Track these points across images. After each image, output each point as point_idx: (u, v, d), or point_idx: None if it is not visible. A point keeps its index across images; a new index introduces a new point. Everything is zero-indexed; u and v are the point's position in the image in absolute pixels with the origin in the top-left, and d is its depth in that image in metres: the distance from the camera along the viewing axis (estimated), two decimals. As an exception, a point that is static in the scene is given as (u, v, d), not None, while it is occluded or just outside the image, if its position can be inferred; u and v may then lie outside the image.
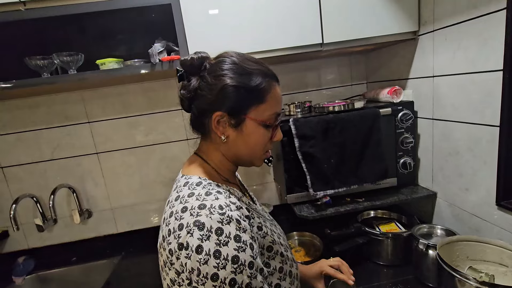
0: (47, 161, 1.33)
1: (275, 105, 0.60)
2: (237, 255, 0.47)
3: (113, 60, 1.01)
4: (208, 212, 0.49)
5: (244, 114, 0.58)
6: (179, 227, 0.49)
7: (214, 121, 0.58)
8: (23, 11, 0.90)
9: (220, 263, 0.46)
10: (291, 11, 1.00)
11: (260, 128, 0.59)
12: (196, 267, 0.46)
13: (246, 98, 0.57)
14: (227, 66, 0.57)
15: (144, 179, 1.41)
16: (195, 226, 0.48)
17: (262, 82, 0.57)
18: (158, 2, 0.94)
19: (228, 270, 0.46)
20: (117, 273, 1.22)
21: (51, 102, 1.29)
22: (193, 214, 0.49)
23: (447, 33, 0.94)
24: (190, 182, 0.57)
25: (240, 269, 0.47)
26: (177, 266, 0.49)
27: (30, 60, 0.97)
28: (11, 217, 1.14)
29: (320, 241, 1.17)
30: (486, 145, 0.86)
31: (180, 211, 0.51)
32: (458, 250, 0.85)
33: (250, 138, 0.59)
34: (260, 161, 0.65)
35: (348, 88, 1.47)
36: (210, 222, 0.48)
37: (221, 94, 0.56)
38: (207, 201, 0.51)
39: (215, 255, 0.46)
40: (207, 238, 0.47)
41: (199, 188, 0.55)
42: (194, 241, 0.47)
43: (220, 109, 0.57)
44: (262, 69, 0.59)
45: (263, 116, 0.59)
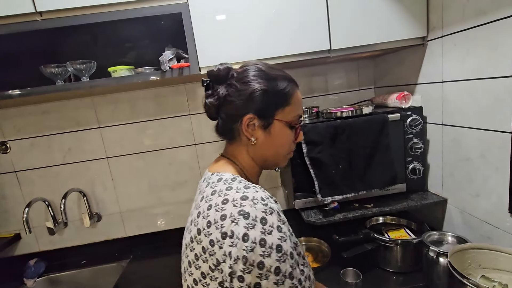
0: (59, 166, 1.36)
1: (298, 107, 0.65)
2: (280, 245, 0.49)
3: (125, 68, 1.03)
4: (252, 203, 0.51)
5: (272, 116, 0.62)
6: (222, 217, 0.51)
7: (244, 124, 0.61)
8: (39, 21, 0.93)
9: (266, 251, 0.47)
10: (299, 17, 1.01)
11: (286, 129, 0.64)
12: (242, 255, 0.47)
13: (273, 101, 0.62)
14: (254, 73, 0.62)
15: (153, 184, 1.42)
16: (240, 215, 0.49)
17: (287, 86, 0.63)
18: (168, 11, 0.96)
19: (273, 258, 0.48)
20: (126, 276, 1.23)
21: (63, 107, 1.32)
22: (236, 205, 0.51)
23: (456, 38, 0.94)
24: (224, 178, 0.59)
25: (283, 258, 0.49)
26: (218, 256, 0.50)
27: (45, 68, 1.00)
28: (23, 220, 1.16)
29: (328, 247, 1.16)
30: (497, 151, 0.84)
31: (221, 203, 0.53)
32: (470, 258, 0.83)
33: (277, 139, 0.64)
34: (284, 161, 0.70)
35: (356, 93, 1.46)
36: (254, 212, 0.49)
37: (251, 98, 0.61)
38: (248, 193, 0.53)
39: (261, 243, 0.47)
40: (252, 226, 0.48)
41: (235, 183, 0.57)
42: (240, 229, 0.48)
43: (250, 112, 0.61)
44: (285, 75, 0.65)
45: (288, 117, 0.64)
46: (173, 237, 1.44)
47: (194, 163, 1.43)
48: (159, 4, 0.97)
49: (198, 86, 1.37)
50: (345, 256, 1.01)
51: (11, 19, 0.93)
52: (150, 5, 0.96)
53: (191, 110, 1.38)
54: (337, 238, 1.04)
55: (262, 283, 0.47)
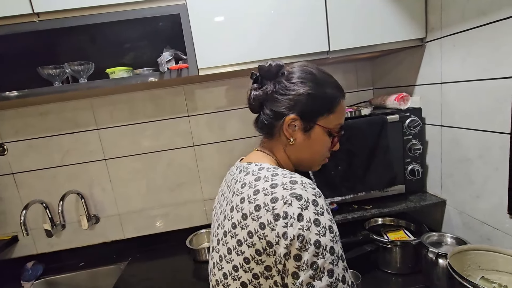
0: (57, 167, 1.35)
1: (341, 116, 0.65)
2: (331, 226, 0.50)
3: (123, 69, 1.03)
4: (302, 186, 0.52)
5: (315, 121, 0.63)
6: (272, 200, 0.51)
7: (286, 124, 0.62)
8: (37, 22, 0.92)
9: (321, 231, 0.48)
10: (298, 19, 1.01)
11: (325, 136, 0.65)
12: (298, 233, 0.48)
13: (318, 106, 0.62)
14: (304, 75, 0.62)
15: (151, 185, 1.42)
16: (292, 197, 0.50)
17: (334, 94, 0.63)
18: (167, 13, 0.95)
19: (327, 238, 0.49)
20: (124, 279, 1.22)
21: (61, 109, 1.31)
22: (287, 188, 0.52)
23: (456, 39, 0.94)
24: (265, 167, 0.60)
25: (335, 239, 0.50)
26: (270, 238, 0.50)
27: (42, 70, 0.99)
28: (21, 222, 1.16)
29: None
30: (497, 152, 0.84)
31: (270, 187, 0.53)
32: (469, 260, 0.83)
33: (315, 144, 0.65)
34: (318, 166, 0.71)
35: (355, 94, 1.46)
36: (306, 194, 0.51)
37: (298, 99, 0.61)
38: (296, 178, 0.54)
39: (315, 223, 0.49)
40: (305, 207, 0.49)
41: (279, 170, 0.58)
42: (294, 210, 0.49)
43: (294, 113, 0.61)
44: (335, 82, 0.65)
45: (330, 125, 0.64)
46: (172, 239, 1.43)
47: (192, 164, 1.42)
48: (157, 5, 0.96)
49: (196, 88, 1.37)
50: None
51: (8, 20, 0.92)
52: (148, 6, 0.96)
53: (190, 112, 1.38)
54: (336, 239, 1.03)
55: (319, 262, 0.48)
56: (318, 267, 0.47)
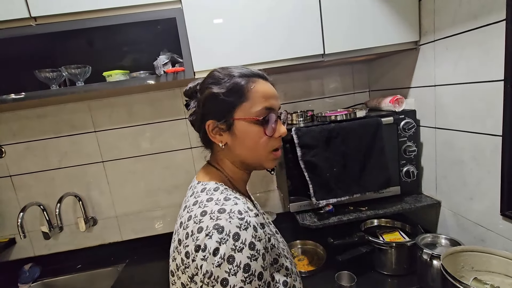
0: (55, 170, 1.36)
1: (261, 100, 0.60)
2: (249, 264, 0.48)
3: (119, 72, 1.03)
4: (228, 216, 0.50)
5: (231, 116, 0.60)
6: (198, 230, 0.50)
7: (208, 131, 0.61)
8: (34, 26, 0.93)
9: (232, 269, 0.47)
10: (293, 22, 1.02)
11: (252, 126, 0.60)
12: (210, 269, 0.47)
13: (226, 101, 0.59)
14: (209, 80, 0.62)
15: (149, 187, 1.42)
16: (214, 229, 0.49)
17: (239, 82, 0.60)
18: (163, 16, 0.96)
19: (238, 278, 0.47)
20: (122, 281, 1.22)
21: (59, 112, 1.32)
22: (213, 218, 0.50)
23: (448, 43, 0.95)
24: (207, 188, 0.59)
25: (250, 279, 0.47)
26: (192, 268, 0.49)
27: (39, 73, 1.00)
28: (18, 224, 1.16)
29: (323, 250, 1.17)
30: (489, 154, 0.85)
31: (200, 215, 0.52)
32: (463, 261, 0.84)
33: (245, 139, 0.60)
34: (268, 161, 0.63)
35: (351, 96, 1.48)
36: (229, 227, 0.49)
37: (205, 105, 0.61)
38: (227, 206, 0.52)
39: (229, 260, 0.47)
40: (224, 242, 0.48)
41: (217, 194, 0.57)
42: (212, 243, 0.48)
43: (210, 118, 0.61)
44: (241, 71, 0.62)
45: (250, 113, 0.59)
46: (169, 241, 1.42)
47: (190, 166, 1.43)
48: (153, 9, 0.97)
49: (193, 90, 1.38)
50: (340, 259, 1.01)
51: (5, 24, 0.93)
52: (145, 10, 0.97)
53: (187, 114, 1.38)
54: (332, 241, 1.04)
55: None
56: None
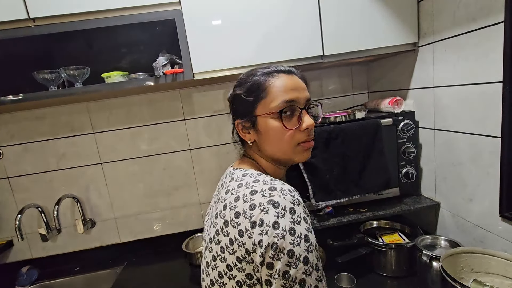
0: (53, 171, 1.35)
1: (279, 94, 0.60)
2: (307, 235, 0.50)
3: (118, 73, 1.03)
4: (280, 193, 0.51)
5: (253, 114, 0.62)
6: (251, 207, 0.51)
7: (239, 130, 0.66)
8: (32, 27, 0.93)
9: (295, 240, 0.48)
10: (292, 24, 1.02)
11: (273, 121, 0.60)
12: (273, 241, 0.48)
13: (247, 100, 0.62)
14: (236, 83, 0.67)
15: (148, 189, 1.42)
16: (269, 204, 0.50)
17: (258, 80, 0.62)
18: (162, 18, 0.96)
19: (302, 247, 0.48)
20: (120, 283, 1.22)
21: (57, 113, 1.31)
22: (265, 195, 0.52)
23: (447, 44, 0.95)
24: (249, 173, 0.60)
25: (310, 248, 0.49)
26: (248, 245, 0.50)
27: (38, 74, 0.99)
28: (16, 227, 1.15)
29: (322, 252, 1.16)
30: (488, 156, 0.86)
31: (249, 194, 0.53)
32: (462, 262, 0.84)
33: (269, 134, 0.61)
34: (297, 154, 0.63)
35: (350, 97, 1.48)
36: (284, 202, 0.50)
37: (232, 106, 0.67)
38: (276, 185, 0.54)
39: (291, 232, 0.48)
40: (282, 215, 0.49)
41: (262, 176, 0.58)
42: (270, 217, 0.49)
43: (237, 118, 0.66)
44: (264, 70, 0.63)
45: (270, 108, 0.60)
46: (168, 243, 1.43)
47: (189, 168, 1.42)
48: (152, 10, 0.97)
49: (193, 92, 1.38)
50: (340, 261, 1.01)
51: (3, 25, 0.92)
52: (144, 12, 0.97)
53: (186, 115, 1.38)
54: (331, 242, 1.04)
55: (291, 271, 0.47)
56: (290, 277, 0.47)
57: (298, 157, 0.63)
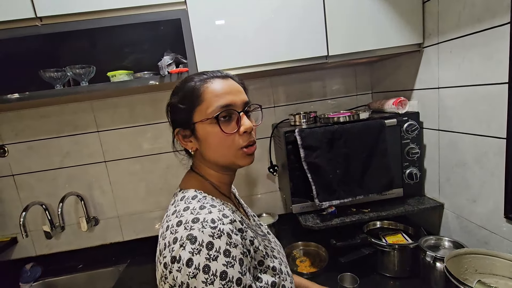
0: (57, 169, 1.36)
1: (215, 99, 0.59)
2: (225, 271, 0.47)
3: (124, 72, 1.04)
4: (201, 226, 0.50)
5: (191, 121, 0.61)
6: (174, 240, 0.50)
7: (179, 140, 0.64)
8: (39, 26, 0.94)
9: (209, 279, 0.46)
10: (297, 24, 1.02)
11: (211, 127, 0.59)
12: (185, 280, 0.47)
13: (183, 108, 0.61)
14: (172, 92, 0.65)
15: (151, 187, 1.42)
16: (187, 239, 0.49)
17: (191, 87, 0.61)
18: (168, 17, 0.97)
19: (216, 286, 0.46)
20: (123, 281, 1.22)
21: (61, 111, 1.32)
22: (187, 228, 0.50)
23: (452, 45, 0.95)
24: (186, 196, 0.59)
25: (227, 285, 0.47)
26: (170, 280, 0.49)
27: (44, 73, 1.00)
28: (20, 224, 1.16)
29: (325, 252, 1.16)
30: (493, 157, 0.85)
31: (176, 225, 0.52)
32: (466, 263, 0.84)
33: (209, 140, 0.60)
34: (240, 159, 0.61)
35: (353, 98, 1.48)
36: (202, 236, 0.48)
37: (170, 116, 0.65)
38: (201, 215, 0.52)
39: (204, 270, 0.47)
40: (198, 252, 0.47)
41: (194, 202, 0.57)
42: (186, 254, 0.48)
43: (176, 127, 0.64)
44: (195, 76, 0.63)
45: (206, 114, 0.59)
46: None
47: (192, 167, 1.42)
48: (158, 10, 0.98)
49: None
50: (343, 261, 1.01)
51: (11, 24, 0.93)
52: (150, 11, 0.97)
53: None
54: (334, 242, 1.04)
55: None
56: None
57: (240, 162, 0.62)
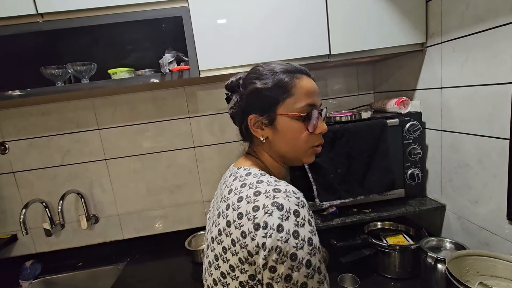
0: (57, 167, 1.36)
1: (304, 96, 0.61)
2: (311, 238, 0.49)
3: (125, 70, 1.03)
4: (285, 195, 0.51)
5: (274, 111, 0.61)
6: (254, 208, 0.51)
7: (251, 125, 0.63)
8: (40, 23, 0.93)
9: (299, 243, 0.48)
10: (299, 22, 1.02)
11: (294, 122, 0.61)
12: (276, 245, 0.47)
13: (270, 96, 0.61)
14: (252, 75, 0.64)
15: (151, 186, 1.42)
16: (274, 206, 0.49)
17: (283, 78, 0.61)
18: (169, 15, 0.96)
19: (305, 251, 0.48)
20: (123, 279, 1.22)
21: (62, 109, 1.32)
22: (269, 196, 0.51)
23: (455, 45, 0.94)
24: (253, 172, 0.60)
25: (313, 251, 0.49)
26: (250, 247, 0.49)
27: (45, 70, 1.00)
28: (20, 221, 1.16)
29: (326, 252, 1.16)
30: (496, 158, 0.85)
31: (253, 195, 0.53)
32: (468, 265, 0.83)
33: (287, 134, 0.62)
34: (308, 156, 0.65)
35: (355, 97, 1.47)
36: (288, 204, 0.50)
37: (249, 99, 0.63)
38: (281, 186, 0.53)
39: (294, 235, 0.48)
40: (286, 218, 0.48)
41: (266, 177, 0.57)
42: (274, 220, 0.48)
43: (252, 112, 0.62)
44: (285, 67, 0.63)
45: (293, 109, 0.61)
46: (171, 240, 1.43)
47: (193, 165, 1.42)
48: (160, 7, 0.97)
49: (197, 89, 1.38)
50: (343, 262, 1.00)
51: (12, 20, 0.93)
52: (151, 8, 0.97)
53: (191, 113, 1.39)
54: (335, 243, 1.03)
55: (293, 275, 0.47)
56: (292, 280, 0.47)
57: (307, 159, 0.66)
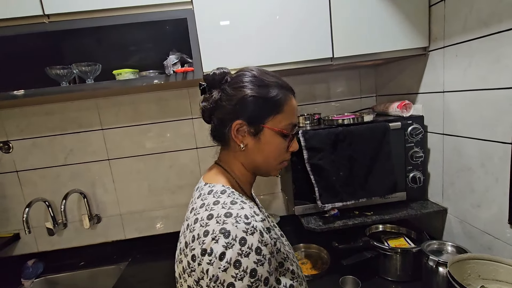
0: (60, 166, 1.36)
1: (291, 115, 0.63)
2: (255, 269, 0.48)
3: (129, 71, 1.04)
4: (234, 220, 0.50)
5: (262, 123, 0.61)
6: (204, 233, 0.50)
7: (233, 130, 0.60)
8: (46, 23, 0.94)
9: (239, 274, 0.46)
10: (302, 25, 1.02)
11: (277, 138, 0.62)
12: (216, 273, 0.47)
13: (264, 108, 0.60)
14: (247, 79, 0.61)
15: (153, 186, 1.43)
16: (220, 233, 0.48)
17: (278, 94, 0.61)
18: (174, 17, 0.97)
19: (244, 283, 0.46)
20: (124, 279, 1.22)
21: (66, 109, 1.33)
22: (219, 221, 0.50)
23: (458, 49, 0.95)
24: (214, 190, 0.59)
25: (256, 284, 0.47)
26: (197, 272, 0.49)
27: (50, 70, 1.01)
28: (23, 220, 1.17)
29: (327, 254, 1.16)
30: (498, 162, 0.85)
31: (206, 218, 0.52)
32: (469, 269, 0.83)
33: (267, 147, 0.62)
34: (276, 171, 0.67)
35: (358, 100, 1.47)
36: (235, 231, 0.48)
37: (241, 104, 0.60)
38: (233, 210, 0.52)
39: (235, 265, 0.47)
40: (231, 246, 0.47)
41: (224, 197, 0.56)
42: (219, 247, 0.47)
43: (240, 118, 0.60)
44: (279, 82, 0.63)
45: (279, 125, 0.62)
46: (172, 240, 1.42)
47: (195, 166, 1.43)
48: (164, 9, 0.98)
49: (201, 90, 1.38)
50: (345, 264, 1.00)
51: (19, 21, 0.94)
52: (156, 10, 0.98)
53: (194, 114, 1.39)
54: (336, 245, 1.04)
55: None
56: None
57: (274, 173, 0.68)
